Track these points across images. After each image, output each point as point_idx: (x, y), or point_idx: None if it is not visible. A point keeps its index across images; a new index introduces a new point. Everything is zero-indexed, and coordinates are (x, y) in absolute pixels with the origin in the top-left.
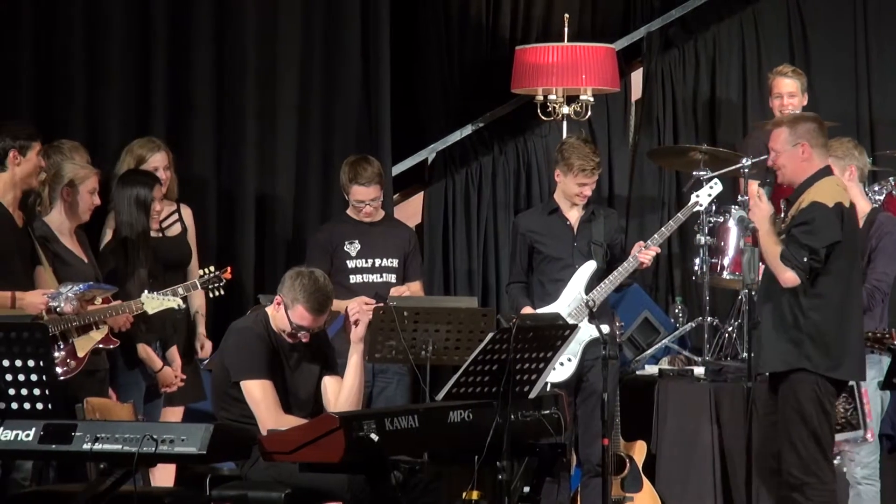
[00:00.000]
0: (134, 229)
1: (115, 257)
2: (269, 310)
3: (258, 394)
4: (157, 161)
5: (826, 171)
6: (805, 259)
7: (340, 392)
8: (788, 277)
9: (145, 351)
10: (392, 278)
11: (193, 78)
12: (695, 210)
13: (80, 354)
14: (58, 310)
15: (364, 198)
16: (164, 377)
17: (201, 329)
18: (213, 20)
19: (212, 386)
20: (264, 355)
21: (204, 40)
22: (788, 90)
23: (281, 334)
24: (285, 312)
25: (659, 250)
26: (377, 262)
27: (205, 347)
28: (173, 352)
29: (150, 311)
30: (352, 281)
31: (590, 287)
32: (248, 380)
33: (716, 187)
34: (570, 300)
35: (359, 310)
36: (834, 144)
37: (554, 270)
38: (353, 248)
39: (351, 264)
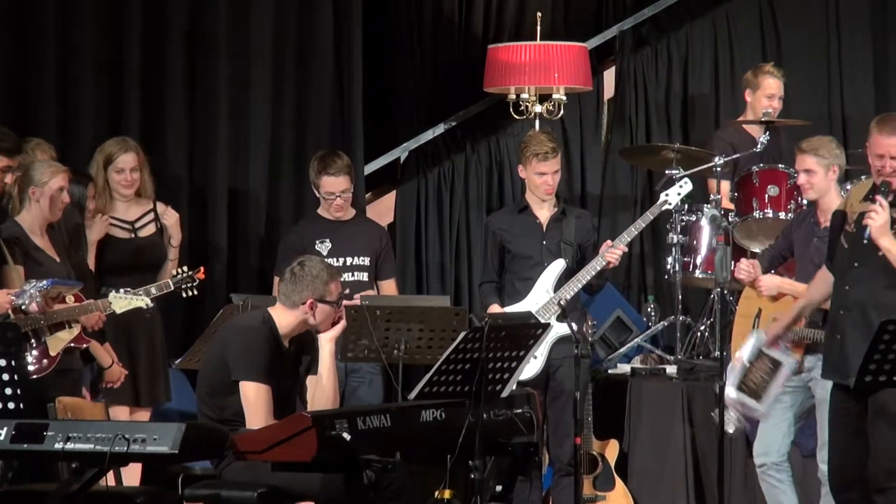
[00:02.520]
0: (68, 225)
1: None
2: (274, 312)
3: (253, 396)
4: (126, 162)
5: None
6: None
7: (315, 391)
8: None
9: (97, 347)
10: (364, 277)
11: (166, 77)
12: (664, 209)
13: (53, 354)
14: (23, 308)
15: (334, 189)
16: (112, 374)
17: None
18: (185, 19)
19: (201, 380)
20: (269, 359)
21: (177, 39)
22: (776, 91)
23: (283, 339)
24: (324, 304)
25: (626, 249)
26: (348, 260)
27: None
28: (108, 347)
29: (119, 311)
30: None
31: (559, 285)
32: (248, 381)
33: (685, 186)
34: (538, 299)
35: (343, 311)
36: (816, 143)
37: (523, 269)
38: (324, 246)
39: None
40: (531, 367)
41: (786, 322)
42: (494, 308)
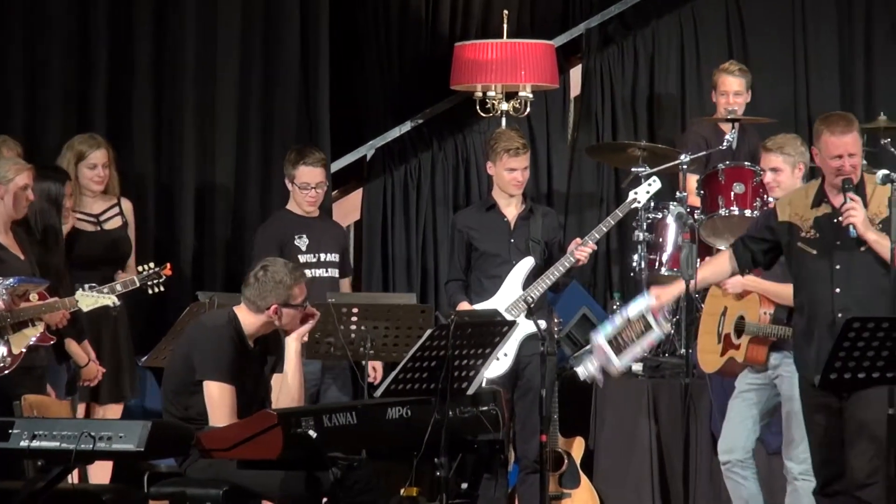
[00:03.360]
0: (44, 223)
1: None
2: (239, 312)
3: (217, 396)
4: (97, 158)
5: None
6: None
7: (281, 390)
8: None
9: (73, 345)
10: (335, 273)
11: (133, 74)
12: (632, 207)
13: (16, 351)
14: None
15: (310, 179)
16: (88, 372)
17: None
18: (152, 17)
19: (166, 378)
20: (233, 360)
21: (144, 36)
22: (734, 88)
23: (248, 339)
24: (289, 308)
25: (595, 247)
26: (322, 256)
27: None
28: (86, 345)
29: (85, 309)
30: None
31: (527, 283)
32: (212, 381)
33: (654, 185)
34: (506, 297)
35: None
36: (781, 141)
37: (491, 267)
38: (302, 242)
39: (302, 259)
40: (501, 365)
41: (674, 294)
42: (463, 306)
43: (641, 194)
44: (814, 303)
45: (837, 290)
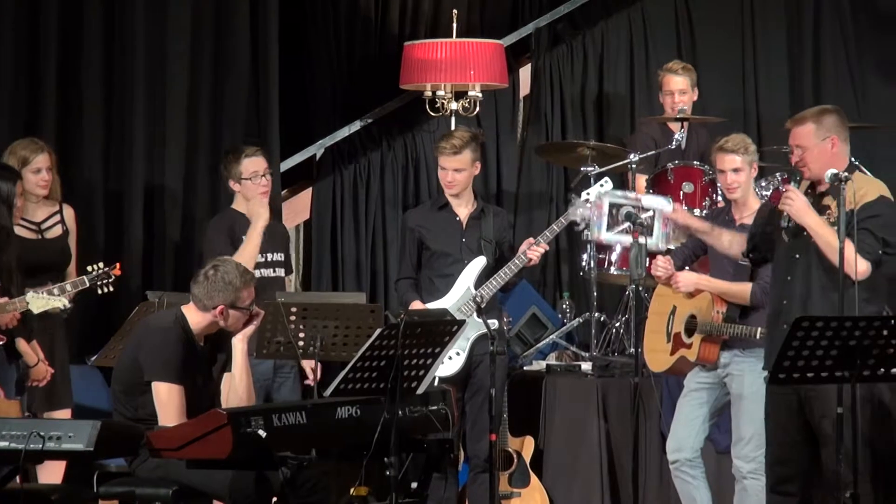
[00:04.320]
0: None
1: None
2: (187, 310)
3: (165, 397)
4: (41, 162)
5: (855, 166)
6: (880, 251)
7: (229, 390)
8: (866, 269)
9: (23, 344)
10: (281, 273)
11: (82, 76)
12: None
13: None
14: None
15: (258, 167)
16: (38, 372)
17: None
18: (102, 19)
19: (115, 379)
20: (181, 360)
21: (93, 37)
22: (679, 87)
23: (196, 337)
24: (236, 310)
25: (548, 248)
26: (269, 256)
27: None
28: (35, 345)
29: (36, 311)
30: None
31: (479, 283)
32: (161, 381)
33: (606, 185)
34: (458, 296)
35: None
36: (740, 141)
37: (443, 266)
38: None
39: None
40: (453, 365)
41: (693, 223)
42: (416, 305)
43: (593, 194)
44: (777, 288)
45: (789, 278)
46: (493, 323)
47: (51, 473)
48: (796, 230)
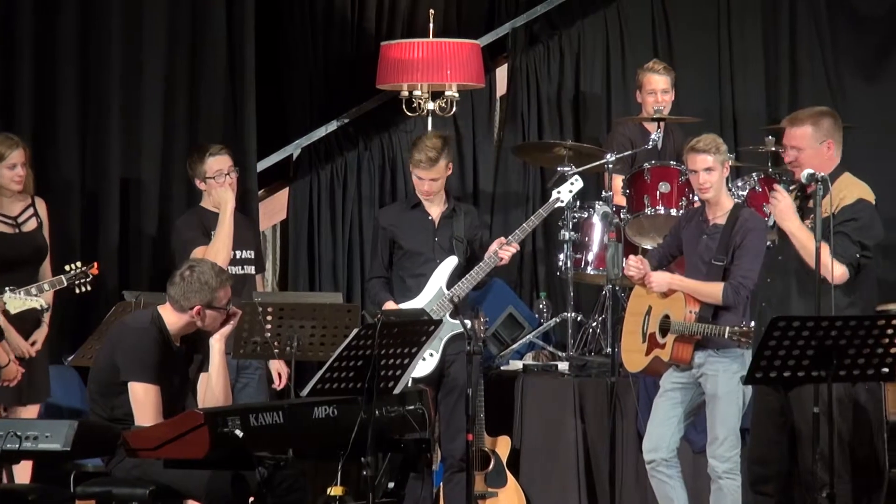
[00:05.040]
0: None
1: None
2: (163, 311)
3: (142, 397)
4: (16, 157)
5: (843, 168)
6: (857, 255)
7: (206, 390)
8: (842, 273)
9: None
10: (252, 270)
11: (58, 74)
12: (556, 206)
13: None
14: None
15: (223, 166)
16: (8, 372)
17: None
18: (78, 16)
19: (92, 379)
20: (157, 360)
21: (69, 35)
22: (661, 87)
23: (173, 338)
24: (213, 310)
25: (519, 247)
26: (238, 254)
27: (37, 343)
28: (5, 345)
29: (13, 311)
30: None
31: (451, 283)
32: (137, 382)
33: (577, 183)
34: (431, 295)
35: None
36: (711, 141)
37: (415, 265)
38: None
39: None
40: (426, 365)
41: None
42: (390, 305)
43: (564, 193)
44: (760, 289)
45: (769, 279)
46: (468, 323)
47: (20, 474)
48: (781, 231)
